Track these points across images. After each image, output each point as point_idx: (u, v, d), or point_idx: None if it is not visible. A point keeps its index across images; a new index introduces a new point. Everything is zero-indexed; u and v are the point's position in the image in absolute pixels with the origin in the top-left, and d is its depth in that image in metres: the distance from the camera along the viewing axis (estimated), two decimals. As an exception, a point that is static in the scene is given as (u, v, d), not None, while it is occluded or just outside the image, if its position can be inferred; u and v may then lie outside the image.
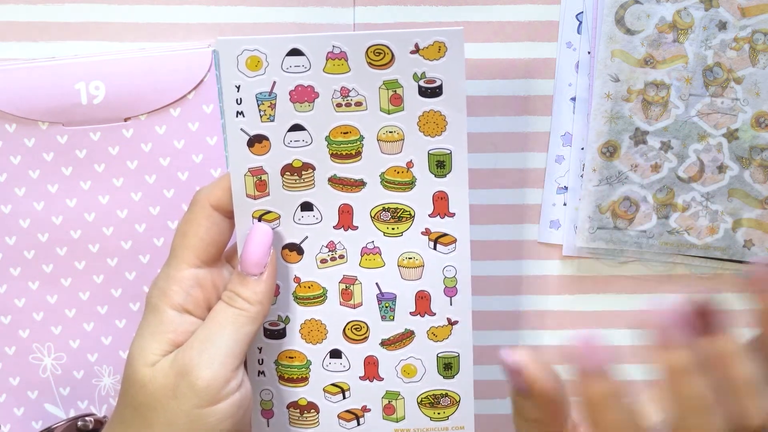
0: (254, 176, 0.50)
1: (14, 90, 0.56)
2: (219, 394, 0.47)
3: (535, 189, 0.59)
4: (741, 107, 0.56)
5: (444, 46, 0.49)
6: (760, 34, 0.55)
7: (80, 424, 0.56)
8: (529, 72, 0.58)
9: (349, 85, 0.49)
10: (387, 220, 0.51)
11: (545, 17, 0.57)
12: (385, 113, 0.50)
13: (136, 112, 0.56)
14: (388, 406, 0.53)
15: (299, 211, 0.51)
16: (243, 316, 0.48)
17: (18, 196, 0.57)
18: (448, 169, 0.50)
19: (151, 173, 0.57)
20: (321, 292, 0.52)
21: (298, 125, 0.50)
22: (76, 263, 0.58)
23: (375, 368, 0.53)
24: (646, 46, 0.56)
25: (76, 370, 0.59)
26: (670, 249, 0.57)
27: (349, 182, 0.50)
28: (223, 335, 0.48)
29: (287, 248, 0.51)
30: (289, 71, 0.49)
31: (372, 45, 0.49)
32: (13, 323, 0.58)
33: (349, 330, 0.52)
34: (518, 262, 0.59)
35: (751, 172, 0.56)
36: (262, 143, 0.50)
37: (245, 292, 0.49)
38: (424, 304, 0.52)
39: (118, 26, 0.57)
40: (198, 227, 0.50)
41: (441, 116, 0.50)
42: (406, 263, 0.51)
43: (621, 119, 0.56)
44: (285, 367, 0.53)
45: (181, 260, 0.50)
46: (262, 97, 0.49)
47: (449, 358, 0.52)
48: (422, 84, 0.49)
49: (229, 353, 0.48)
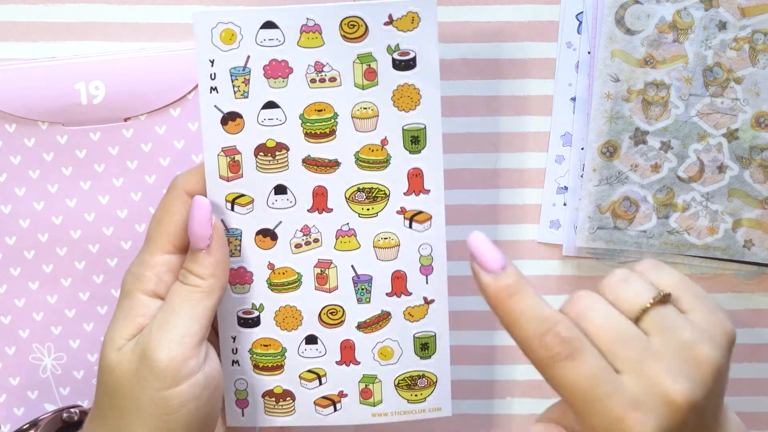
0: (228, 156, 0.50)
1: (14, 90, 0.56)
2: (179, 374, 0.46)
3: (535, 189, 0.59)
4: (741, 107, 0.56)
5: (417, 17, 0.49)
6: (760, 34, 0.55)
7: (65, 415, 0.56)
8: (529, 72, 0.58)
9: (324, 59, 0.49)
10: (362, 200, 0.51)
11: (545, 17, 0.57)
12: (360, 89, 0.50)
13: (136, 112, 0.56)
14: (365, 390, 0.53)
15: (273, 195, 0.51)
16: (196, 292, 0.48)
17: (18, 196, 0.57)
18: (422, 145, 0.50)
19: (151, 173, 0.57)
20: (296, 278, 0.52)
21: (272, 102, 0.50)
22: (76, 263, 0.58)
23: (351, 352, 0.52)
24: (646, 46, 0.56)
25: (76, 370, 0.59)
26: (670, 249, 0.57)
27: (323, 163, 0.50)
28: (180, 314, 0.47)
29: (261, 234, 0.51)
30: (263, 45, 0.49)
31: (346, 17, 0.49)
32: (13, 323, 0.58)
33: (324, 315, 0.52)
34: (518, 262, 0.59)
35: (751, 172, 0.56)
36: (236, 121, 0.50)
37: (195, 267, 0.48)
38: (400, 284, 0.52)
39: (118, 26, 0.57)
40: (173, 214, 0.50)
41: (415, 90, 0.50)
42: (382, 244, 0.51)
43: (621, 119, 0.56)
44: (260, 356, 0.52)
45: (155, 246, 0.49)
46: (236, 72, 0.49)
47: (426, 338, 0.52)
48: (396, 57, 0.49)
49: (186, 332, 0.47)
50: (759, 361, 0.59)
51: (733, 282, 0.59)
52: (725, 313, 0.45)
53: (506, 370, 0.60)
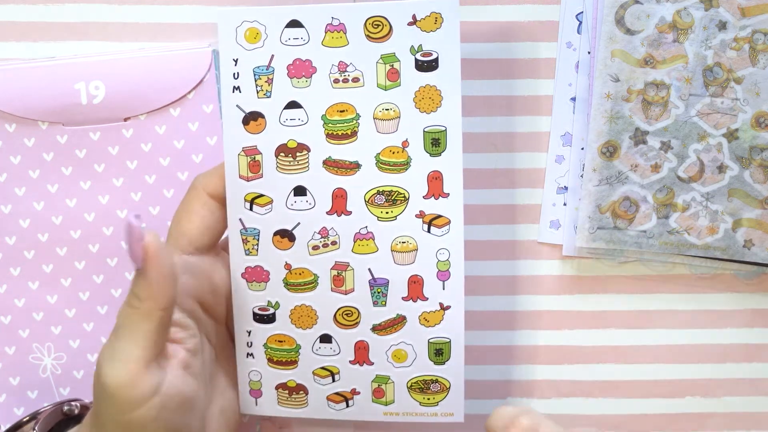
0: (248, 156, 0.50)
1: (14, 90, 0.56)
2: (132, 399, 0.44)
3: (535, 189, 0.59)
4: (741, 107, 0.56)
5: (440, 18, 0.49)
6: (760, 34, 0.55)
7: (66, 408, 0.56)
8: (529, 72, 0.58)
9: (347, 59, 0.49)
10: (381, 203, 0.51)
11: (545, 17, 0.57)
12: (382, 89, 0.50)
13: (135, 112, 0.56)
14: (377, 389, 0.53)
15: (292, 196, 0.51)
16: (135, 314, 0.45)
17: (18, 196, 0.57)
18: (442, 148, 0.50)
19: (151, 173, 0.57)
20: (312, 279, 0.52)
21: (295, 102, 0.50)
22: (76, 263, 0.58)
23: (365, 353, 0.52)
24: (646, 46, 0.56)
25: (76, 370, 0.59)
26: (670, 249, 0.57)
27: (344, 165, 0.50)
28: (122, 338, 0.45)
29: (279, 235, 0.51)
30: (287, 44, 0.49)
31: (371, 17, 0.49)
32: (13, 323, 0.58)
33: (340, 316, 0.52)
34: (518, 262, 0.59)
35: (751, 172, 0.56)
36: (257, 121, 0.50)
37: (134, 288, 0.45)
38: (416, 289, 0.52)
39: (118, 26, 0.57)
40: (193, 214, 0.49)
41: (437, 91, 0.50)
42: (400, 248, 0.51)
43: (621, 119, 0.56)
44: (274, 350, 0.52)
45: (174, 246, 0.49)
46: (260, 71, 0.49)
47: (440, 343, 0.52)
48: (419, 57, 0.49)
49: (129, 357, 0.44)
50: (759, 361, 0.59)
51: (733, 282, 0.59)
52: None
53: (523, 370, 0.60)
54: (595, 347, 0.59)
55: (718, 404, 0.60)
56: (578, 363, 0.59)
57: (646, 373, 0.60)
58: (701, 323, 0.59)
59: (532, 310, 0.59)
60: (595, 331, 0.59)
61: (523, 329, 0.59)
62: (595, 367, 0.60)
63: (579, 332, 0.59)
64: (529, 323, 0.59)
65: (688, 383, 0.60)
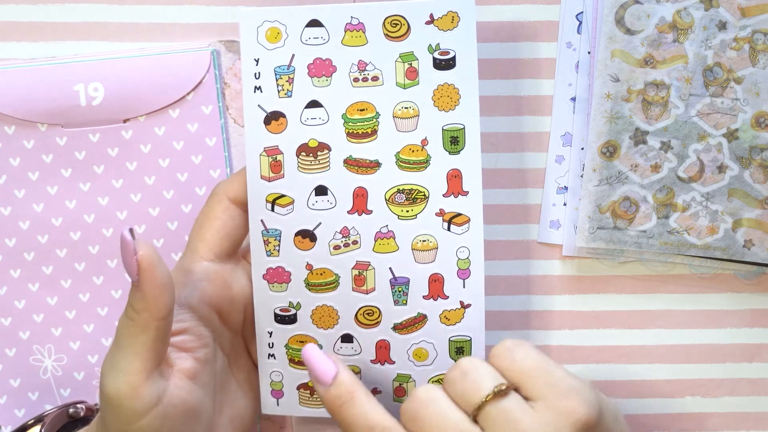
0: (270, 156, 0.50)
1: (13, 92, 0.56)
2: (134, 410, 0.44)
3: (535, 189, 0.59)
4: (741, 107, 0.56)
5: (457, 17, 0.49)
6: (760, 34, 0.55)
7: (71, 411, 0.56)
8: (529, 72, 0.58)
9: (366, 58, 0.49)
10: (401, 202, 0.51)
11: (545, 17, 0.57)
12: (401, 88, 0.50)
13: (135, 113, 0.56)
14: (398, 388, 0.53)
15: (313, 196, 0.51)
16: (132, 326, 0.45)
17: (18, 198, 0.57)
18: (461, 146, 0.50)
19: (150, 174, 0.57)
20: (333, 279, 0.52)
21: (316, 101, 0.50)
22: (76, 265, 0.58)
23: (386, 352, 0.52)
24: (646, 46, 0.55)
25: (77, 371, 0.59)
26: (670, 249, 0.57)
27: (364, 163, 0.50)
28: (121, 349, 0.45)
29: (300, 235, 0.51)
30: (308, 43, 0.49)
31: (389, 16, 0.49)
32: (14, 325, 0.58)
33: (361, 315, 0.52)
34: (518, 262, 0.59)
35: (751, 172, 0.56)
36: (278, 120, 0.50)
37: (131, 299, 0.45)
38: (437, 288, 0.52)
39: (118, 26, 0.57)
40: (214, 220, 0.49)
41: (455, 89, 0.50)
42: (420, 246, 0.51)
43: (621, 119, 0.56)
44: (295, 351, 0.53)
45: (194, 252, 0.49)
46: (281, 70, 0.50)
47: (461, 342, 0.52)
48: (437, 56, 0.50)
49: (129, 369, 0.45)
50: (759, 361, 0.59)
51: (733, 282, 0.59)
52: (582, 396, 0.43)
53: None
54: (595, 347, 0.60)
55: (718, 404, 0.60)
56: (578, 363, 0.59)
57: (646, 373, 0.60)
58: (701, 323, 0.59)
59: (532, 310, 0.59)
60: (595, 331, 0.59)
61: (523, 329, 0.59)
62: (595, 367, 0.60)
63: (579, 332, 0.59)
64: (529, 323, 0.59)
65: (688, 383, 0.60)
